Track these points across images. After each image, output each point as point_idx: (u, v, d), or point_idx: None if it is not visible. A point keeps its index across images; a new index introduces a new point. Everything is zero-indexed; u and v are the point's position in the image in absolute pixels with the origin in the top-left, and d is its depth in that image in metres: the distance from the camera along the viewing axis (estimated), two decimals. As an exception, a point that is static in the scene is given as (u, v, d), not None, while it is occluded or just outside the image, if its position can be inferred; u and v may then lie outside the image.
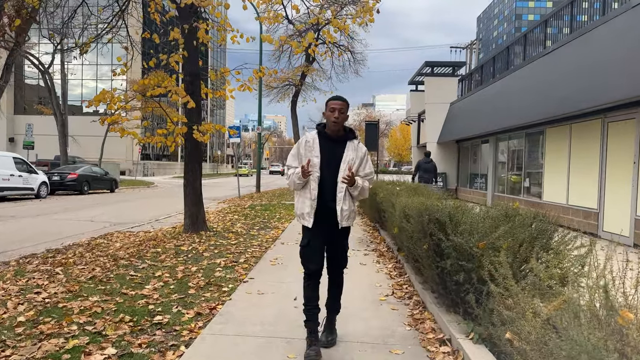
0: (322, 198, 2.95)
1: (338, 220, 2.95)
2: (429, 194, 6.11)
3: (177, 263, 5.57)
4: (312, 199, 2.95)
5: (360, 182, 2.99)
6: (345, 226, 3.02)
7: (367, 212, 10.39)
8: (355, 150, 3.02)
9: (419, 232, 3.84)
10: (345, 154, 2.99)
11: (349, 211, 2.99)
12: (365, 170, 3.07)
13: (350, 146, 3.03)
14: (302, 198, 3.01)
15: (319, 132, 3.07)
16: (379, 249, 6.80)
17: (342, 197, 2.95)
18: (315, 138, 3.03)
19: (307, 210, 2.96)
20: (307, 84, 27.67)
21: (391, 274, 5.26)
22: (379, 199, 7.42)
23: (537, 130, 11.22)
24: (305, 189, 2.99)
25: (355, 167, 3.00)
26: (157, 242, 7.00)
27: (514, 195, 12.70)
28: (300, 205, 3.01)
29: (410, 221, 4.21)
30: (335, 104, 2.99)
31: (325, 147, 3.01)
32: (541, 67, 10.52)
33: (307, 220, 2.97)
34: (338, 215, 2.94)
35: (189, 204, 7.75)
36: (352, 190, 2.97)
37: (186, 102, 7.08)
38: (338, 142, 3.04)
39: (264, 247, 6.81)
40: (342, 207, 2.95)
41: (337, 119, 2.97)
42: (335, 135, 3.04)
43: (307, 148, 3.02)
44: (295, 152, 3.09)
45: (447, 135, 17.49)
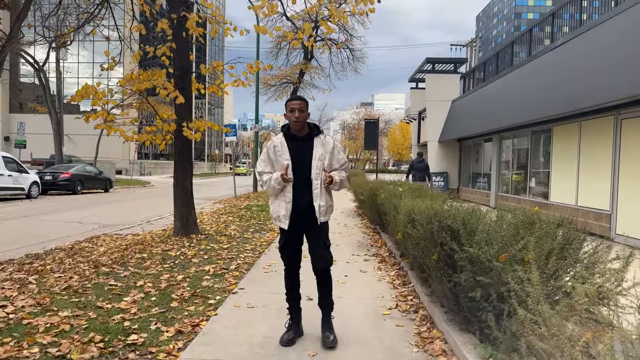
0: (297, 198, 3.02)
1: (316, 215, 3.01)
2: (435, 195, 5.69)
3: (163, 270, 5.15)
4: (287, 202, 3.02)
5: (338, 178, 3.05)
6: (323, 221, 3.07)
7: (367, 214, 9.98)
8: (323, 145, 3.07)
9: (427, 240, 3.42)
10: (314, 151, 3.04)
11: (326, 206, 3.07)
12: (340, 161, 3.14)
13: (317, 142, 3.08)
14: (277, 201, 3.08)
15: (285, 133, 3.13)
16: (380, 254, 6.38)
17: (318, 193, 3.01)
18: (282, 141, 3.09)
19: (283, 212, 3.04)
20: (306, 82, 27.20)
21: (394, 282, 4.84)
22: (380, 200, 7.00)
23: (544, 128, 10.81)
24: (281, 193, 3.06)
25: (328, 161, 3.06)
26: (144, 247, 6.57)
27: (519, 196, 12.30)
28: (276, 208, 3.09)
29: (417, 227, 3.79)
30: (294, 104, 3.04)
31: (294, 147, 3.06)
32: (548, 62, 10.10)
33: (283, 222, 3.05)
34: (316, 211, 3.01)
35: (179, 206, 7.33)
36: (332, 187, 3.06)
37: (175, 98, 6.65)
38: (305, 140, 3.08)
39: (257, 251, 6.39)
40: (319, 204, 3.01)
41: (297, 119, 3.03)
42: (300, 134, 3.09)
43: (277, 152, 3.08)
44: (266, 157, 3.14)
45: (448, 134, 17.07)
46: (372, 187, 8.07)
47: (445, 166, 17.80)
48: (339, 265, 5.61)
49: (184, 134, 7.02)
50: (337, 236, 8.00)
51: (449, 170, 17.77)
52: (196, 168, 58.18)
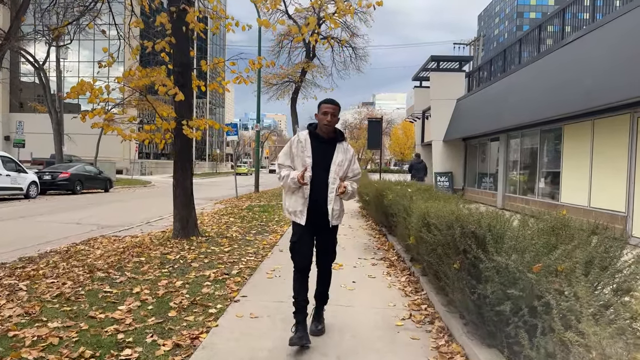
0: (313, 197, 3.09)
1: (329, 219, 3.10)
2: (447, 197, 5.42)
3: (161, 276, 4.89)
4: (304, 198, 3.09)
5: (350, 189, 3.12)
6: (334, 225, 3.19)
7: (372, 215, 9.71)
8: (345, 152, 3.16)
9: (445, 246, 3.15)
10: (335, 156, 3.12)
11: (339, 211, 3.18)
12: (354, 171, 3.22)
13: (340, 148, 3.16)
14: (294, 196, 3.13)
15: (310, 132, 3.18)
16: (388, 258, 6.11)
17: (332, 197, 3.09)
18: (307, 138, 3.14)
19: (300, 208, 3.10)
20: (308, 81, 26.99)
21: (405, 289, 4.57)
22: (387, 201, 6.73)
23: (554, 127, 10.53)
24: (299, 188, 3.10)
25: (344, 169, 3.14)
26: (142, 250, 6.31)
27: (527, 197, 12.01)
28: (293, 203, 3.13)
29: (433, 232, 3.52)
30: (328, 107, 3.09)
31: (317, 147, 3.12)
32: (559, 59, 9.81)
33: (300, 218, 3.11)
34: (329, 214, 3.09)
35: (179, 207, 7.07)
36: (343, 197, 3.14)
37: (174, 95, 6.39)
38: (328, 144, 3.15)
39: (260, 255, 6.12)
40: (333, 207, 3.10)
41: (329, 122, 3.09)
42: (326, 137, 3.15)
43: (299, 147, 3.13)
44: (287, 151, 3.20)
45: (453, 133, 16.78)
46: (377, 188, 7.80)
47: (450, 166, 17.50)
48: (345, 271, 5.34)
49: (184, 133, 6.76)
50: (343, 238, 7.73)
51: (454, 170, 17.47)
52: (197, 168, 57.96)
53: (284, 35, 26.13)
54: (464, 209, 3.51)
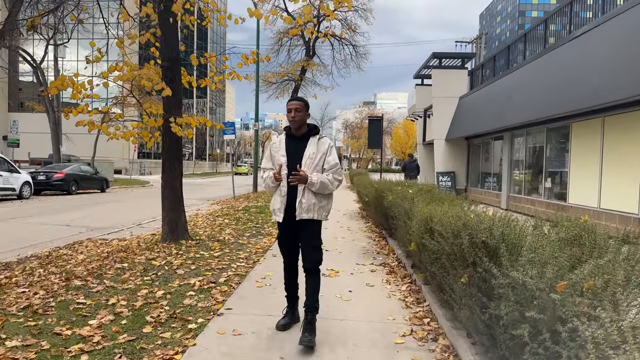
0: (290, 193, 3.13)
1: (296, 212, 3.10)
2: (451, 199, 5.04)
3: (142, 284, 4.52)
4: (282, 196, 3.16)
5: (315, 179, 3.08)
6: (306, 218, 3.12)
7: (371, 216, 9.34)
8: (317, 145, 3.18)
9: (452, 257, 2.78)
10: (306, 149, 3.16)
11: (307, 204, 3.11)
12: (329, 162, 3.17)
13: (311, 141, 3.20)
14: (275, 195, 3.25)
15: (287, 133, 3.29)
16: (388, 263, 5.74)
17: (301, 190, 3.10)
18: (282, 139, 3.28)
19: (278, 206, 3.19)
20: (307, 80, 26.53)
21: (406, 300, 4.19)
22: (387, 202, 6.36)
23: (561, 124, 10.13)
24: (277, 187, 3.21)
25: (317, 161, 3.14)
26: (126, 255, 5.95)
27: (533, 197, 11.62)
28: (273, 202, 3.26)
29: (437, 239, 3.15)
30: (291, 104, 3.18)
31: (291, 145, 3.21)
32: (567, 54, 9.42)
33: (278, 216, 3.20)
34: (297, 207, 3.10)
35: (167, 209, 6.70)
36: (309, 187, 3.10)
37: (161, 90, 6.04)
38: (302, 140, 3.21)
39: (251, 260, 5.75)
40: (300, 200, 3.10)
41: (293, 118, 3.17)
42: (299, 134, 3.23)
43: (275, 149, 3.27)
44: (268, 155, 3.34)
45: (456, 132, 16.39)
46: (377, 188, 7.43)
47: (453, 165, 17.10)
48: (342, 278, 4.97)
49: (173, 131, 6.39)
50: (340, 241, 7.37)
51: (457, 170, 17.07)
52: (197, 167, 57.70)
53: (284, 34, 25.76)
54: (470, 213, 3.14)
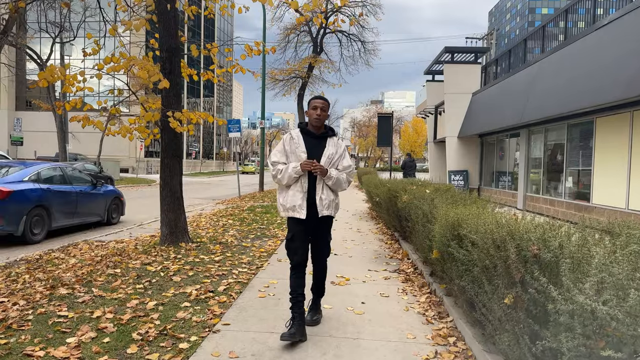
0: (310, 191, 3.13)
1: (318, 209, 3.11)
2: (474, 200, 4.56)
3: (133, 293, 4.10)
4: (304, 192, 3.11)
5: (334, 174, 3.14)
6: (325, 215, 3.15)
7: (382, 217, 8.86)
8: (335, 146, 3.24)
9: (490, 270, 2.30)
10: (326, 149, 3.19)
11: (328, 200, 3.16)
12: (344, 164, 3.25)
13: (330, 142, 3.24)
14: (292, 191, 3.14)
15: (302, 129, 3.27)
16: (403, 270, 5.26)
17: (321, 187, 3.13)
18: (299, 135, 3.23)
19: (299, 202, 3.11)
20: (315, 77, 26.10)
21: (427, 313, 3.72)
22: (401, 203, 5.88)
23: (584, 120, 9.56)
24: (296, 183, 3.13)
25: (334, 161, 3.20)
26: (121, 259, 5.55)
27: (552, 197, 11.04)
28: (291, 199, 3.13)
29: (467, 247, 2.68)
30: (317, 102, 3.21)
31: (308, 142, 3.20)
32: (591, 44, 8.85)
33: (300, 212, 3.10)
34: (317, 204, 3.11)
35: (166, 209, 6.29)
36: (326, 181, 3.13)
37: (157, 82, 5.61)
38: (320, 139, 3.23)
39: (255, 265, 5.31)
40: (320, 197, 3.12)
41: (319, 116, 3.19)
42: (317, 132, 3.24)
43: (293, 144, 3.20)
44: (281, 149, 3.24)
45: (468, 129, 15.81)
46: (390, 188, 6.95)
47: (465, 164, 16.53)
48: (353, 287, 4.51)
49: (171, 126, 5.98)
50: (350, 244, 6.91)
51: (469, 169, 16.49)
52: (204, 166, 57.59)
53: (291, 29, 25.34)
54: (508, 217, 2.66)
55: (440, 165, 19.33)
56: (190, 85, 57.25)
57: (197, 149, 59.60)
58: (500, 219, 2.41)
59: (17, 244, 6.93)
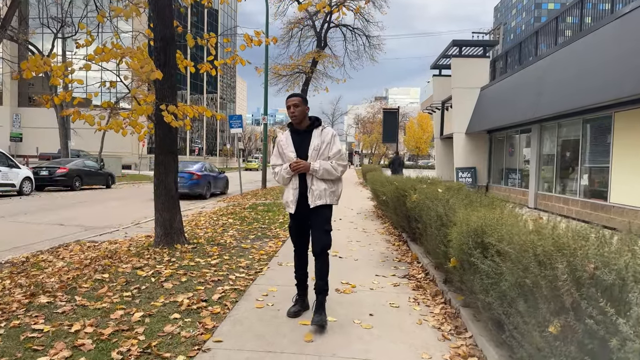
0: (301, 185, 3.33)
1: (309, 201, 3.28)
2: (491, 200, 4.16)
3: (119, 302, 3.75)
4: (294, 189, 3.34)
5: (317, 165, 3.25)
6: (318, 205, 3.27)
7: (389, 215, 8.47)
8: (320, 136, 3.33)
9: (524, 289, 1.92)
10: (311, 142, 3.32)
11: (319, 190, 3.28)
12: (333, 150, 3.32)
13: (315, 134, 3.35)
14: (287, 188, 3.41)
15: (290, 129, 3.45)
16: (413, 275, 4.88)
17: (310, 179, 3.29)
18: (287, 136, 3.42)
19: (291, 198, 3.35)
20: (319, 72, 25.66)
21: (442, 328, 3.34)
22: (411, 203, 5.49)
23: (602, 114, 9.11)
24: (290, 181, 3.37)
25: (322, 151, 3.30)
26: (112, 262, 5.21)
27: (566, 195, 10.60)
28: (286, 195, 3.41)
29: (495, 259, 2.29)
30: (289, 101, 3.35)
31: (297, 140, 3.37)
32: (610, 34, 8.39)
33: (290, 207, 3.37)
34: (309, 196, 3.28)
35: (160, 209, 5.93)
36: (313, 173, 3.27)
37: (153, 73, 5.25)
38: (306, 133, 3.36)
39: (253, 270, 4.95)
40: (311, 188, 3.28)
41: (293, 113, 3.33)
42: (302, 128, 3.38)
43: (283, 146, 3.40)
44: (277, 152, 3.47)
45: (477, 125, 15.36)
46: (398, 186, 6.55)
47: (473, 161, 16.09)
48: (359, 294, 4.13)
49: (165, 120, 5.61)
50: (355, 246, 6.53)
51: (478, 166, 16.05)
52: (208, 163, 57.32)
53: (294, 24, 24.90)
54: (544, 222, 2.26)
55: (447, 162, 18.89)
56: (193, 82, 56.95)
57: (200, 145, 59.36)
58: (538, 227, 2.02)
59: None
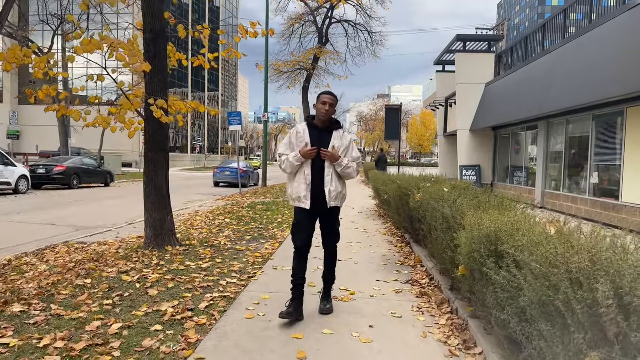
0: (315, 181, 3.32)
1: (327, 200, 3.32)
2: (500, 201, 3.84)
3: (98, 312, 3.46)
4: (307, 183, 3.33)
5: (345, 162, 3.35)
6: (333, 206, 3.37)
7: (392, 216, 8.16)
8: (341, 139, 3.41)
9: (558, 311, 1.60)
10: (331, 142, 3.37)
11: (336, 192, 3.35)
12: (353, 156, 3.44)
13: (336, 135, 3.41)
14: (297, 183, 3.37)
15: (309, 123, 3.47)
16: (416, 281, 4.57)
17: (329, 180, 3.33)
18: (305, 129, 3.42)
19: (304, 193, 3.32)
20: (320, 68, 25.33)
21: (449, 342, 3.03)
22: (414, 203, 5.18)
23: (613, 110, 8.76)
24: (300, 175, 3.35)
25: (340, 153, 3.34)
26: (97, 265, 4.92)
27: (574, 194, 10.25)
28: (297, 189, 3.36)
29: (512, 270, 1.97)
30: (326, 97, 3.39)
31: (315, 136, 3.37)
32: (624, 26, 8.02)
33: (304, 203, 3.32)
34: (327, 195, 3.31)
35: (150, 209, 5.64)
36: (336, 167, 3.33)
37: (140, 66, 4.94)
38: (326, 132, 3.41)
39: (246, 275, 4.65)
40: (329, 189, 3.32)
41: (327, 111, 3.37)
42: (323, 126, 3.42)
43: (299, 138, 3.39)
44: (287, 142, 3.46)
45: (482, 122, 15.00)
46: (400, 185, 6.24)
47: (478, 159, 15.74)
48: (359, 303, 3.82)
49: (155, 116, 5.31)
50: (356, 247, 6.22)
51: (482, 164, 15.70)
52: (209, 161, 57.14)
53: (295, 20, 24.55)
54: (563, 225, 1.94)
55: (451, 160, 18.54)
56: (194, 79, 56.69)
57: (201, 143, 59.15)
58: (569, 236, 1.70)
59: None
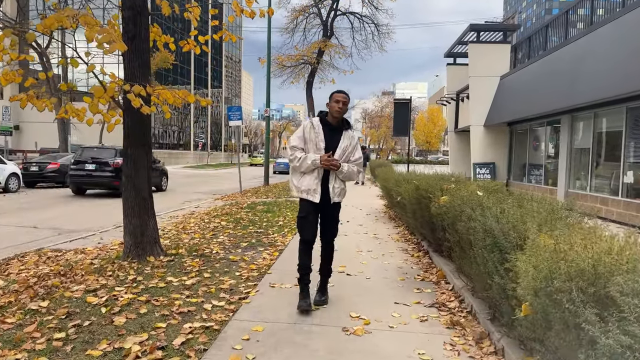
0: (324, 178, 3.45)
1: (330, 196, 3.46)
2: (552, 209, 3.04)
3: (44, 350, 2.70)
4: (318, 179, 3.43)
5: (346, 168, 3.50)
6: (336, 201, 3.53)
7: (405, 220, 7.36)
8: (350, 139, 3.56)
9: None
10: (341, 142, 3.51)
11: (339, 189, 3.53)
12: (355, 156, 3.60)
13: (346, 135, 3.55)
14: (307, 176, 3.45)
15: (321, 119, 3.55)
16: (443, 303, 3.76)
17: (333, 177, 3.46)
18: (319, 125, 3.50)
19: (314, 187, 3.43)
20: (325, 62, 24.54)
21: (503, 403, 2.23)
22: (437, 208, 4.37)
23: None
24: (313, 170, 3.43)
25: (347, 153, 3.53)
26: (63, 281, 4.17)
27: (605, 195, 9.39)
28: (307, 182, 3.44)
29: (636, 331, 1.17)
30: (340, 96, 3.50)
31: (327, 134, 3.50)
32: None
33: (314, 196, 3.43)
34: (330, 192, 3.46)
35: (129, 214, 4.86)
36: (338, 174, 3.48)
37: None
38: (336, 131, 3.54)
39: (237, 295, 3.86)
40: (333, 185, 3.47)
41: (340, 109, 3.48)
42: (335, 124, 3.54)
43: (313, 133, 3.48)
44: (301, 135, 3.52)
45: (496, 117, 14.13)
46: (419, 186, 5.43)
47: (492, 156, 14.86)
48: (376, 338, 3.02)
49: (133, 105, 4.53)
50: (366, 257, 5.43)
51: (497, 161, 14.83)
52: (212, 158, 56.51)
53: (299, 12, 23.74)
54: None
55: (462, 157, 17.67)
56: (197, 76, 55.96)
57: (203, 140, 58.49)
58: None
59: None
